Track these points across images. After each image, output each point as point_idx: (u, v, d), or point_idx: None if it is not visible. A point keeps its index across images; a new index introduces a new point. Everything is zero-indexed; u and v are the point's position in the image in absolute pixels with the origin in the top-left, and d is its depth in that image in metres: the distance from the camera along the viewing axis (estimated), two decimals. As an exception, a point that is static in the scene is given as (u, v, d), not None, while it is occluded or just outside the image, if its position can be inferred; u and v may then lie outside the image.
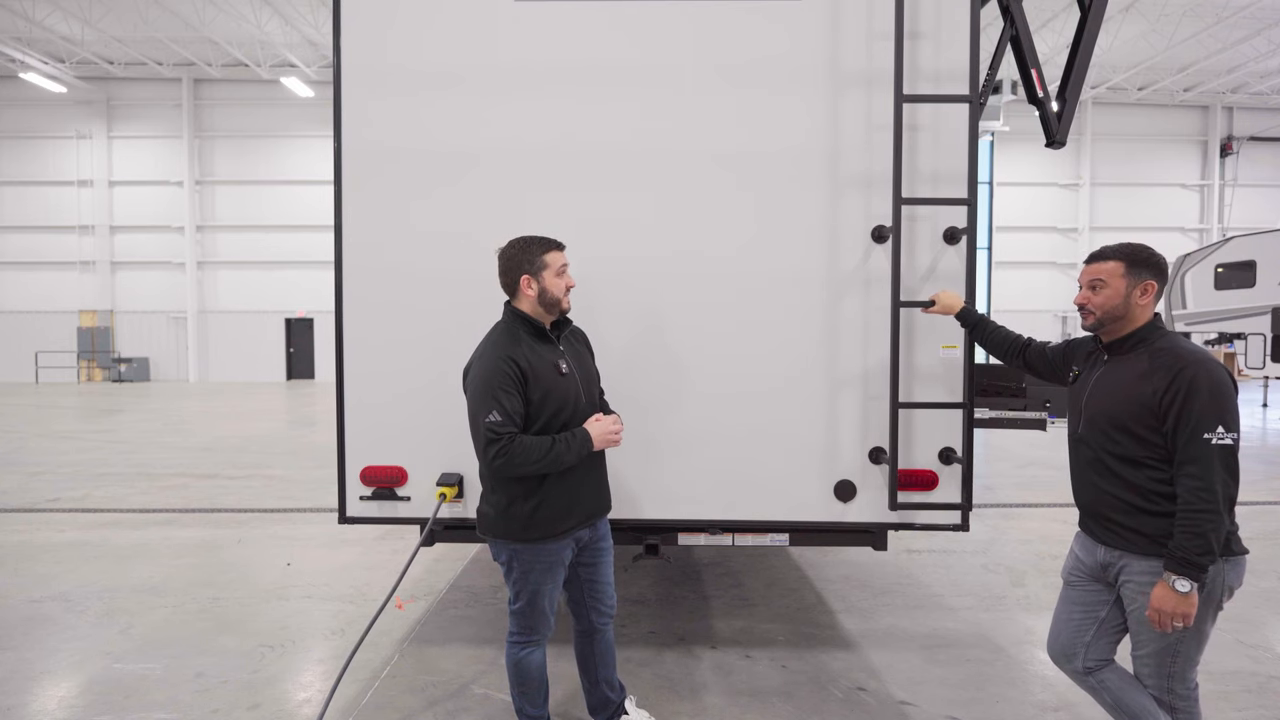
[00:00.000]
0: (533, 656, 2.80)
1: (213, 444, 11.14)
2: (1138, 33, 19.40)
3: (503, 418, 2.50)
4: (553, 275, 2.69)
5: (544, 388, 2.61)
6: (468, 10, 3.35)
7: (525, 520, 2.63)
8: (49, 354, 24.01)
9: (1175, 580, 2.16)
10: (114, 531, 6.31)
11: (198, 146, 23.82)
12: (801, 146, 3.35)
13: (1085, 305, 2.43)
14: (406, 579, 3.46)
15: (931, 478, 3.40)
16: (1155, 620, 2.21)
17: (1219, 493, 2.14)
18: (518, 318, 2.71)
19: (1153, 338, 2.34)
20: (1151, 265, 2.36)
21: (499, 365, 2.56)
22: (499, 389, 2.52)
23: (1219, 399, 2.17)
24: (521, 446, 2.51)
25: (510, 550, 2.69)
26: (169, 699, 3.44)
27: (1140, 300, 2.35)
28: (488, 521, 2.71)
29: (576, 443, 2.61)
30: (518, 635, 2.80)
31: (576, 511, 2.71)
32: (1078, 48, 3.87)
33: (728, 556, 5.44)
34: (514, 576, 2.72)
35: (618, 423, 2.74)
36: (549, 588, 2.73)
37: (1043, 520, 6.74)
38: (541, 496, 2.63)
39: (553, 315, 2.74)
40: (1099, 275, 2.40)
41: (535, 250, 2.69)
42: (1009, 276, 24.08)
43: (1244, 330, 12.87)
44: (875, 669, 3.75)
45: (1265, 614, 4.46)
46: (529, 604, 2.73)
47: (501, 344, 2.63)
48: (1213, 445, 2.15)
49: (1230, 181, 24.96)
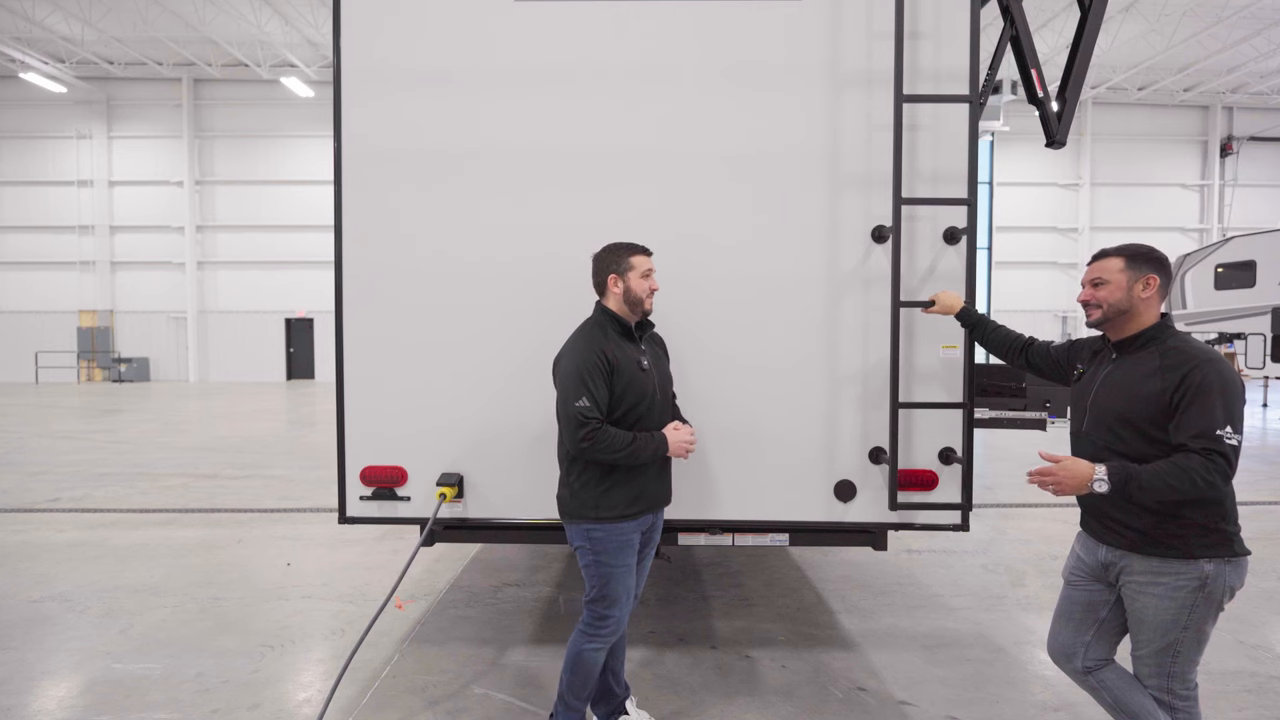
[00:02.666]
0: (597, 654, 2.89)
1: (213, 444, 11.15)
2: (1138, 33, 19.41)
3: (591, 404, 2.69)
4: (637, 277, 2.87)
5: (626, 380, 2.78)
6: (467, 10, 3.35)
7: (596, 500, 2.79)
8: (49, 354, 24.02)
9: (1101, 478, 2.18)
10: (114, 531, 6.30)
11: (198, 146, 23.83)
12: (801, 146, 3.35)
13: (1089, 302, 2.44)
14: (406, 579, 3.47)
15: (931, 478, 3.40)
16: (1038, 475, 2.25)
17: (1205, 479, 2.12)
18: (606, 315, 2.89)
19: (1163, 336, 2.34)
20: (1152, 260, 2.37)
21: (590, 356, 2.75)
22: (589, 377, 2.71)
23: (1229, 398, 2.17)
24: (607, 435, 2.70)
25: (584, 531, 2.82)
26: (169, 699, 3.44)
27: (1143, 294, 2.35)
28: (564, 503, 2.87)
29: (654, 444, 2.80)
30: (588, 628, 2.88)
31: (642, 499, 2.86)
32: (1078, 48, 3.87)
33: (728, 556, 5.44)
34: (588, 559, 2.84)
35: (694, 436, 2.93)
36: (621, 571, 2.84)
37: (1043, 520, 6.74)
38: (612, 481, 2.80)
39: (636, 315, 2.91)
40: (1100, 273, 2.42)
41: (623, 253, 2.89)
42: (1009, 276, 24.09)
43: (1244, 330, 12.87)
44: (875, 669, 3.75)
45: (1265, 614, 4.46)
46: (602, 590, 2.84)
47: (593, 337, 2.83)
48: (1223, 444, 2.14)
49: (1230, 181, 24.97)
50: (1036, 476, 2.28)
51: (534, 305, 3.38)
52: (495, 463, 3.41)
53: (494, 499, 3.45)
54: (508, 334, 3.41)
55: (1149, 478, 2.16)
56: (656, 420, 2.87)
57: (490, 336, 3.40)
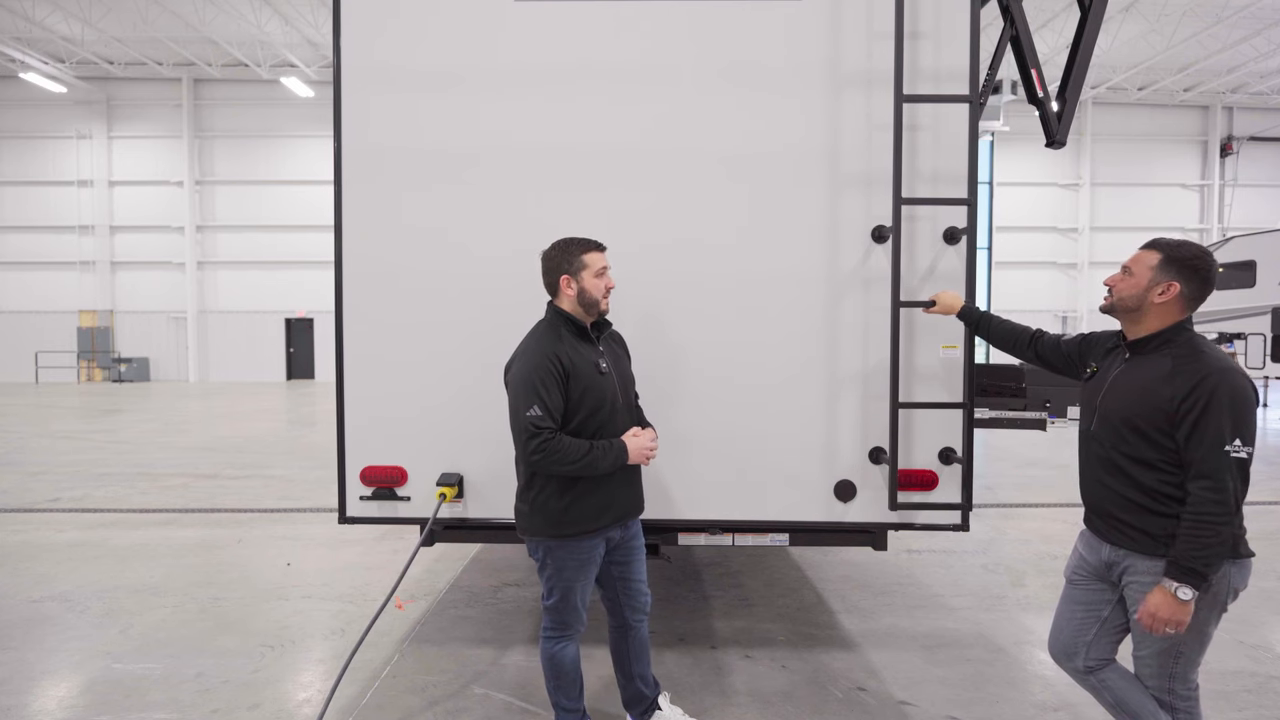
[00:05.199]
0: (566, 650, 2.84)
1: (213, 444, 11.14)
2: (1138, 33, 19.40)
3: (544, 413, 2.56)
4: (592, 276, 2.73)
5: (584, 385, 2.66)
6: (467, 10, 3.35)
7: (558, 517, 2.68)
8: (49, 354, 24.00)
9: (1177, 588, 2.14)
10: (114, 531, 6.30)
11: (198, 146, 23.82)
12: (801, 146, 3.35)
13: (1112, 287, 2.40)
14: (406, 579, 3.46)
15: (931, 478, 3.40)
16: (1148, 625, 2.19)
17: (1230, 505, 2.12)
18: (560, 316, 2.76)
19: (1178, 340, 2.28)
20: (1186, 268, 2.27)
21: (542, 361, 2.61)
22: (541, 385, 2.58)
23: (1239, 411, 2.13)
24: (560, 445, 2.56)
25: (545, 546, 2.74)
26: (169, 699, 3.44)
27: (1157, 299, 2.29)
28: (523, 518, 2.77)
29: (613, 452, 2.66)
30: (551, 630, 2.84)
31: (610, 511, 2.75)
32: (1078, 48, 3.87)
33: (728, 556, 5.44)
34: (548, 573, 2.77)
35: (655, 440, 2.81)
36: (581, 584, 2.77)
37: (1043, 520, 6.74)
38: (575, 494, 2.68)
39: (592, 315, 2.79)
40: (1135, 262, 2.36)
41: (575, 251, 2.75)
42: (1009, 276, 24.09)
43: (1244, 330, 12.87)
44: (875, 669, 3.75)
45: (1265, 614, 4.46)
46: (562, 600, 2.78)
47: (545, 341, 2.69)
48: (1230, 458, 2.12)
49: (1230, 181, 24.96)
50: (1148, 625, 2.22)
51: (535, 304, 3.37)
52: (495, 463, 3.40)
53: (494, 499, 3.45)
54: (509, 334, 3.40)
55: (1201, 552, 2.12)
56: (618, 426, 2.74)
57: (491, 336, 3.39)
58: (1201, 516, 2.13)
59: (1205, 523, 2.13)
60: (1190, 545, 2.14)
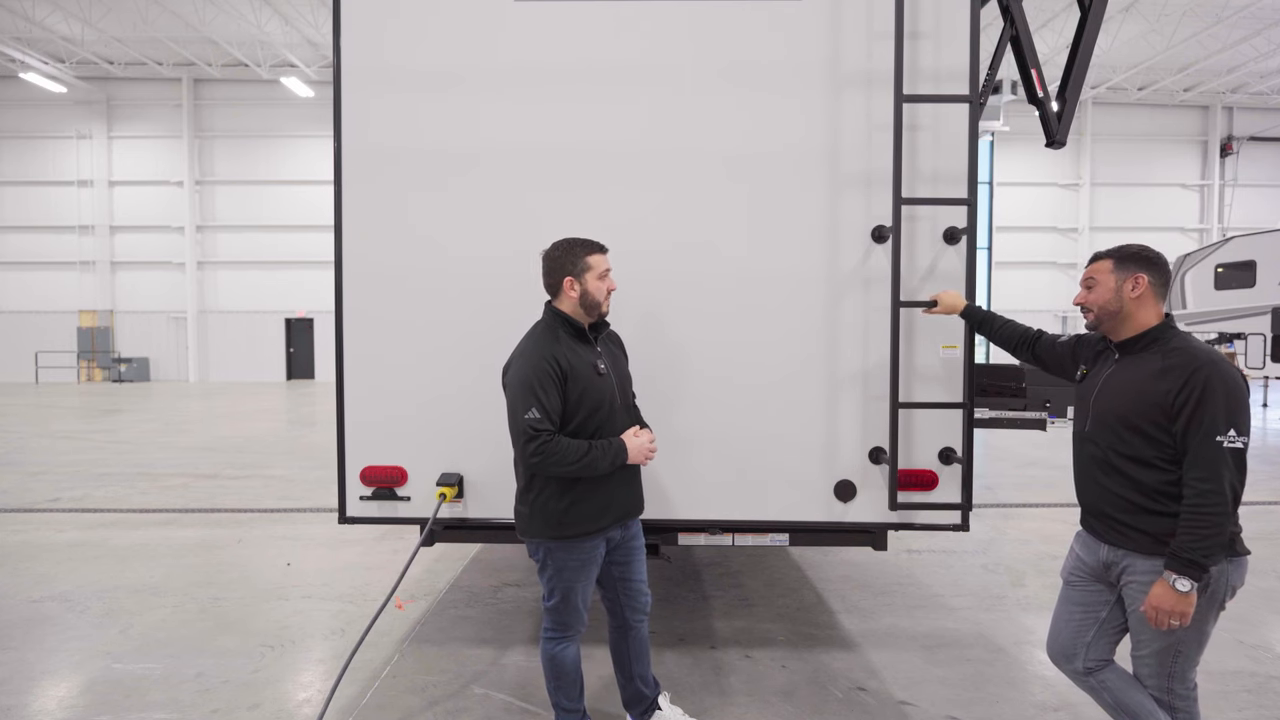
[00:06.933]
0: (567, 651, 2.84)
1: (213, 444, 11.14)
2: (1138, 33, 19.41)
3: (542, 415, 2.55)
4: (595, 278, 2.73)
5: (582, 386, 2.65)
6: (467, 10, 3.35)
7: (558, 518, 2.67)
8: (49, 354, 24.01)
9: (1176, 580, 2.16)
10: (114, 531, 6.30)
11: (198, 146, 23.83)
12: (801, 146, 3.35)
13: (1084, 305, 2.47)
14: (406, 579, 3.47)
15: (931, 478, 3.40)
16: (1152, 619, 2.21)
17: (1227, 495, 2.15)
18: (558, 318, 2.75)
19: (1166, 337, 2.33)
20: (1141, 259, 2.37)
21: (540, 363, 2.60)
22: (539, 387, 2.57)
23: (1232, 401, 2.16)
24: (559, 446, 2.56)
25: (545, 548, 2.74)
26: (169, 699, 3.44)
27: (1132, 294, 2.35)
28: (523, 520, 2.76)
29: (611, 452, 2.66)
30: (551, 631, 2.84)
31: (610, 511, 2.75)
32: (1078, 48, 3.87)
33: (728, 556, 5.44)
34: (548, 574, 2.77)
35: (654, 441, 2.80)
36: (581, 585, 2.77)
37: (1042, 520, 6.74)
38: (575, 495, 2.67)
39: (592, 317, 2.78)
40: (1091, 275, 2.45)
41: (579, 252, 2.73)
42: (1009, 276, 24.11)
43: (1244, 330, 12.86)
44: (875, 669, 3.75)
45: (1265, 614, 4.46)
46: (562, 600, 2.78)
47: (543, 342, 2.68)
48: (1224, 448, 2.14)
49: (1230, 181, 24.97)
50: (1153, 620, 2.23)
51: (535, 304, 3.37)
52: (495, 463, 3.39)
53: (494, 499, 3.45)
54: (508, 333, 3.40)
55: (1201, 544, 2.14)
56: (617, 426, 2.74)
57: (491, 336, 3.39)
58: (1200, 508, 2.15)
59: (1204, 513, 2.15)
60: (1190, 537, 2.16)
